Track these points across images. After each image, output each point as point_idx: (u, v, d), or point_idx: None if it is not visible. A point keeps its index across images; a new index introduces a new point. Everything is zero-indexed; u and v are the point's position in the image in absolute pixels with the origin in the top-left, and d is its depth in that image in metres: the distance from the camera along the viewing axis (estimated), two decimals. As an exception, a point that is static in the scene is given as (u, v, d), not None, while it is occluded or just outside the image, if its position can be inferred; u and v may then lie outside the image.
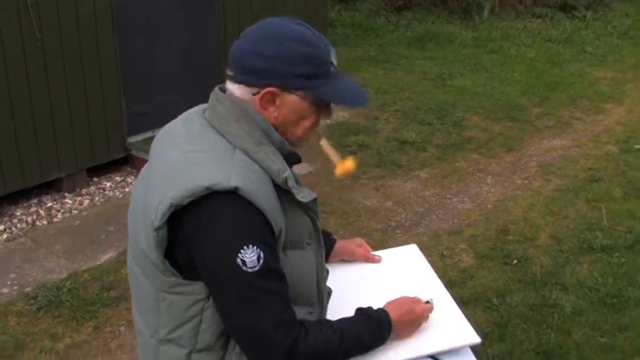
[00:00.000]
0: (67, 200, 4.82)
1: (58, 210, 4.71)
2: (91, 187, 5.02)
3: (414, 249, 2.38)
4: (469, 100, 6.80)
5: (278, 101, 1.63)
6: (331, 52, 1.66)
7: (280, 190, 1.64)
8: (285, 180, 1.62)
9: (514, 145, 5.85)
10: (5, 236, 4.37)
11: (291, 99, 1.63)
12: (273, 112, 1.65)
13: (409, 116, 6.36)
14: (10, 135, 4.49)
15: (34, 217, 4.59)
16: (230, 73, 1.67)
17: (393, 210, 4.75)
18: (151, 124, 5.09)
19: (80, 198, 4.87)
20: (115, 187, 5.04)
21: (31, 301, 3.71)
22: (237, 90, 1.66)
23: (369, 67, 7.75)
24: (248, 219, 1.56)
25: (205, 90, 1.75)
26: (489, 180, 5.22)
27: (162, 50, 5.40)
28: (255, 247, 1.55)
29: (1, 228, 4.44)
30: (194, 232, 1.58)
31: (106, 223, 4.53)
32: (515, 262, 4.07)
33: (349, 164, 1.94)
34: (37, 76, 4.53)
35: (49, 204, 4.76)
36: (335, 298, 1.96)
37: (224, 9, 5.71)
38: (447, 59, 8.21)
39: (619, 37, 9.38)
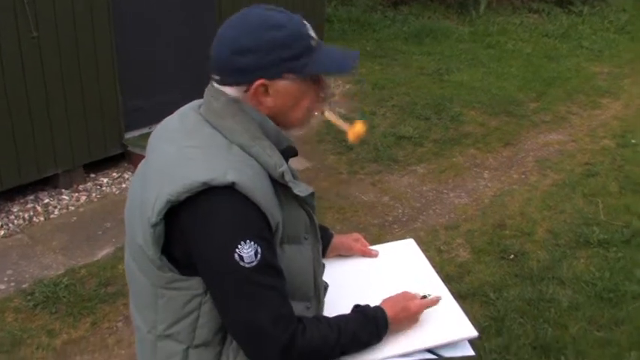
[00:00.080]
0: (64, 196, 4.82)
1: (54, 206, 4.70)
2: (88, 184, 5.01)
3: (411, 243, 2.38)
4: (466, 95, 6.80)
5: (270, 91, 1.63)
6: (306, 26, 1.66)
7: (277, 185, 1.65)
8: (282, 174, 1.62)
9: (511, 140, 5.86)
10: (2, 233, 4.36)
11: (283, 84, 1.63)
12: (268, 102, 1.65)
13: (406, 111, 6.36)
14: (7, 131, 4.47)
15: (30, 214, 4.58)
16: (216, 77, 1.68)
17: (390, 205, 4.75)
18: (148, 119, 5.08)
19: (77, 194, 4.87)
20: (112, 183, 5.03)
21: (28, 298, 3.70)
22: (227, 90, 1.66)
23: (366, 63, 7.74)
24: (245, 214, 1.56)
25: (202, 85, 1.75)
26: (486, 175, 5.22)
27: (159, 46, 5.39)
28: (253, 243, 1.55)
29: (-2, 224, 4.45)
30: (191, 227, 1.57)
31: (103, 219, 4.53)
32: (512, 256, 4.08)
33: (359, 127, 1.94)
34: (33, 73, 4.52)
35: (45, 200, 4.76)
36: (332, 292, 1.96)
37: (221, 5, 5.69)
38: (443, 54, 8.20)
39: (616, 32, 9.38)
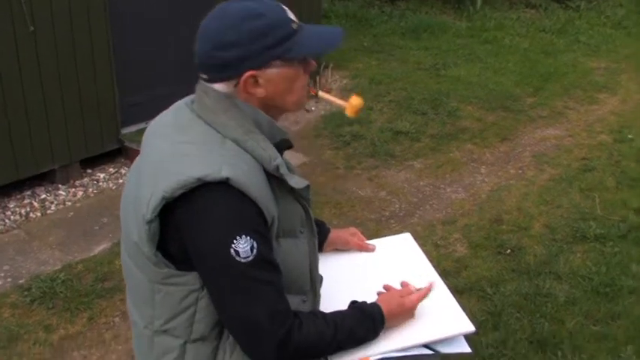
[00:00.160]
0: (61, 192, 4.81)
1: (51, 202, 4.69)
2: (85, 179, 5.00)
3: (407, 237, 2.38)
4: (463, 90, 6.79)
5: (260, 81, 1.63)
6: (286, 11, 1.65)
7: (272, 179, 1.64)
8: (277, 167, 1.62)
9: (508, 135, 5.86)
10: (-1, 228, 4.36)
11: (272, 72, 1.63)
12: (260, 92, 1.65)
13: (403, 106, 6.36)
14: (4, 127, 4.46)
15: (27, 209, 4.58)
16: (204, 76, 1.67)
17: (387, 200, 4.75)
18: (145, 115, 5.04)
19: (74, 189, 4.86)
20: (109, 179, 5.03)
21: (25, 293, 3.70)
22: (217, 87, 1.66)
23: (362, 58, 7.73)
24: (240, 209, 1.56)
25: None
26: (483, 170, 5.23)
27: (156, 40, 5.38)
28: (248, 237, 1.55)
29: (-5, 220, 4.44)
30: (186, 223, 1.57)
31: (100, 214, 4.52)
32: (509, 251, 4.08)
33: (355, 101, 1.95)
34: (30, 69, 4.50)
35: (42, 196, 4.75)
36: (329, 287, 1.97)
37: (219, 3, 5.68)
38: (440, 49, 8.20)
39: (612, 27, 9.38)
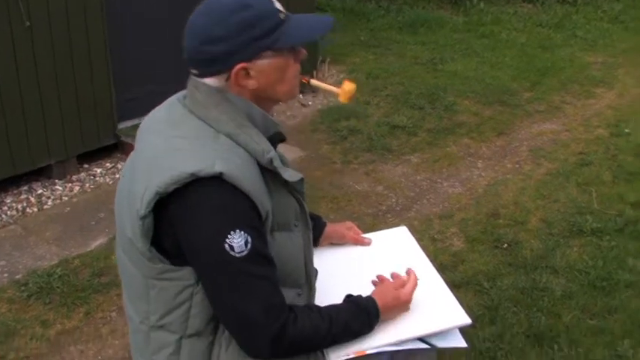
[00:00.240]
0: (58, 187, 4.81)
1: (48, 197, 4.69)
2: (82, 174, 5.00)
3: (403, 231, 2.37)
4: (460, 85, 6.79)
5: (252, 73, 1.62)
6: (272, 1, 1.64)
7: (266, 172, 1.64)
8: (271, 160, 1.62)
9: (505, 130, 5.86)
10: (-5, 223, 4.36)
11: (262, 63, 1.62)
12: (252, 84, 1.64)
13: (400, 101, 6.36)
14: (0, 122, 4.45)
15: (24, 205, 4.57)
16: (195, 72, 1.67)
17: (383, 194, 4.75)
18: (142, 110, 4.96)
19: (70, 185, 4.86)
20: (106, 174, 5.02)
21: (22, 288, 3.70)
22: (208, 81, 1.65)
23: (359, 52, 7.73)
24: (234, 204, 1.55)
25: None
26: (480, 164, 5.23)
27: (152, 36, 5.37)
28: (243, 232, 1.54)
29: (-9, 215, 4.44)
30: (180, 219, 1.57)
31: (97, 209, 4.52)
32: (506, 245, 4.08)
33: (348, 87, 1.93)
34: (25, 63, 4.50)
35: (39, 191, 4.75)
36: (325, 281, 1.96)
37: None
38: (438, 44, 8.19)
39: (609, 22, 9.37)
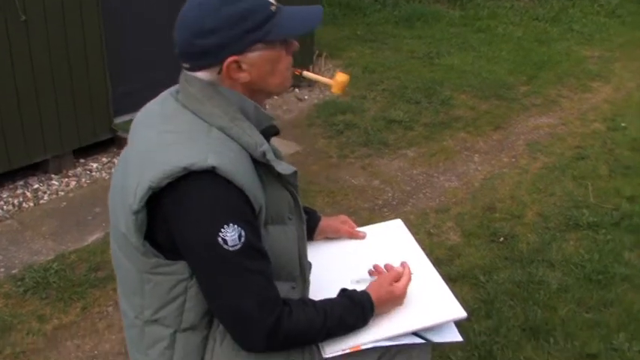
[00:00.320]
0: (54, 182, 4.80)
1: (44, 192, 4.68)
2: (78, 169, 4.99)
3: (398, 224, 2.37)
4: (456, 79, 6.79)
5: (243, 66, 1.62)
6: None
7: (259, 165, 1.64)
8: (264, 153, 1.62)
9: (501, 124, 5.86)
10: (-9, 218, 4.35)
11: (254, 56, 1.62)
12: (244, 77, 1.64)
13: (396, 95, 6.36)
14: (-5, 117, 4.46)
15: (20, 199, 4.56)
16: (186, 65, 1.66)
17: (380, 189, 4.75)
18: (138, 104, 4.92)
19: (66, 179, 4.85)
20: (102, 168, 5.01)
21: (18, 283, 3.69)
22: (200, 75, 1.65)
23: (356, 47, 7.71)
24: (227, 198, 1.55)
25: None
26: (476, 158, 5.23)
27: (148, 30, 5.35)
28: (236, 226, 1.54)
29: (-13, 210, 4.43)
30: (173, 213, 1.57)
31: (93, 204, 4.51)
32: (502, 239, 4.08)
33: (341, 78, 1.94)
34: (21, 58, 4.48)
35: (35, 186, 4.74)
36: (320, 275, 1.97)
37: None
38: (434, 38, 8.19)
39: (606, 16, 9.37)
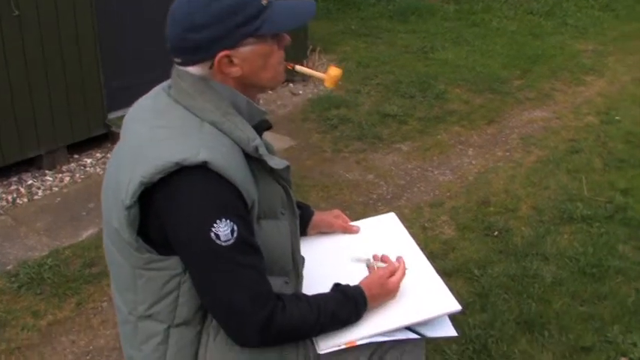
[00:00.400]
0: (48, 177, 4.79)
1: (38, 187, 4.67)
2: (72, 164, 4.98)
3: (392, 217, 2.37)
4: (451, 73, 6.79)
5: (235, 60, 1.62)
6: None
7: (251, 160, 1.64)
8: (256, 148, 1.62)
9: (495, 118, 5.86)
10: (-15, 214, 4.34)
11: (245, 50, 1.62)
12: (235, 72, 1.64)
13: (391, 89, 6.36)
14: (-12, 112, 4.44)
15: (14, 195, 4.55)
16: (178, 60, 1.66)
17: (374, 183, 4.75)
18: (132, 99, 4.88)
19: (60, 175, 4.84)
20: (96, 164, 5.00)
21: (13, 279, 3.69)
22: (192, 70, 1.65)
23: (350, 41, 7.71)
24: (219, 193, 1.55)
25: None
26: (471, 152, 5.23)
27: (142, 25, 5.34)
28: (228, 221, 1.54)
29: (-19, 206, 4.42)
30: (166, 208, 1.57)
31: (87, 199, 4.50)
32: (497, 233, 4.09)
33: (334, 72, 1.94)
34: (14, 54, 4.46)
35: (29, 182, 4.73)
36: (313, 269, 1.96)
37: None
38: (428, 32, 8.19)
39: (600, 10, 9.38)
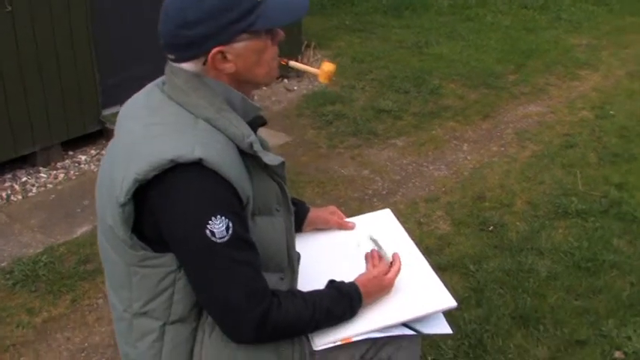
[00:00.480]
0: (42, 174, 4.78)
1: (32, 184, 4.66)
2: (66, 161, 4.97)
3: (387, 213, 2.37)
4: (445, 68, 6.79)
5: (229, 56, 1.61)
6: None
7: (246, 157, 1.63)
8: (251, 144, 1.61)
9: (490, 112, 5.86)
10: (-21, 212, 4.33)
11: (239, 46, 1.61)
12: (229, 68, 1.63)
13: (385, 85, 6.35)
14: (-18, 109, 4.43)
15: (8, 192, 4.54)
16: (171, 57, 1.65)
17: (369, 178, 4.75)
18: (126, 96, 4.87)
19: (55, 172, 4.83)
20: (90, 161, 4.99)
21: (7, 276, 3.68)
22: (186, 66, 1.64)
23: (344, 36, 7.70)
24: (214, 190, 1.55)
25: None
26: (466, 147, 5.23)
27: (137, 21, 5.32)
28: (223, 217, 1.54)
29: (-25, 203, 4.40)
30: (160, 206, 1.56)
31: (82, 196, 4.50)
32: (492, 228, 4.09)
33: (327, 67, 1.94)
34: (8, 50, 4.45)
35: (23, 179, 4.72)
36: (308, 266, 1.96)
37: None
38: (423, 27, 8.19)
39: (594, 4, 9.38)
